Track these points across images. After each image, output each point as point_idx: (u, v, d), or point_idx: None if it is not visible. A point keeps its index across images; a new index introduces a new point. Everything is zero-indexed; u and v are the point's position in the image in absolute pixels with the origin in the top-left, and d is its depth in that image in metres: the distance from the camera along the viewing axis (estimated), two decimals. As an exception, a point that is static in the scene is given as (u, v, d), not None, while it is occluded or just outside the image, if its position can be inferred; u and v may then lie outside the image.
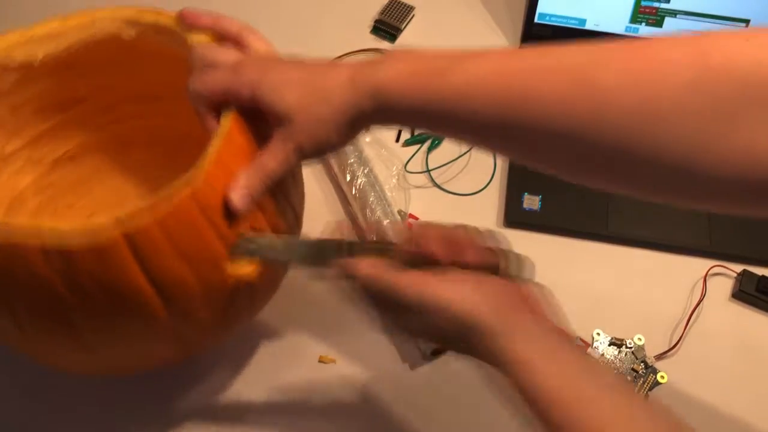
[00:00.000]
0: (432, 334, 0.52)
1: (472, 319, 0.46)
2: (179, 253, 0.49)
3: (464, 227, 0.52)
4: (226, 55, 0.55)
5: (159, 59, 0.65)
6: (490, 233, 0.53)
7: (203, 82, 0.52)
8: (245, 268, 0.54)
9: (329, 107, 0.48)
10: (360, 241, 0.53)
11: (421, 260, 0.49)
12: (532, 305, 0.50)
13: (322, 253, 0.53)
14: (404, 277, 0.48)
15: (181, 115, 0.72)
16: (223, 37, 0.57)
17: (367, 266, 0.50)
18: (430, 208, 0.77)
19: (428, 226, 0.51)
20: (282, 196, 0.57)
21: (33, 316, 0.51)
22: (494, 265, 0.50)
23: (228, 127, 0.52)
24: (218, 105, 0.53)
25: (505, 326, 0.46)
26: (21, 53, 0.60)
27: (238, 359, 0.69)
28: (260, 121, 0.53)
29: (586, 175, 0.45)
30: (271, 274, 0.59)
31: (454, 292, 0.47)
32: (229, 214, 0.50)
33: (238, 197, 0.50)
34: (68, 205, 0.73)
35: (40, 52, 0.60)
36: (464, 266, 0.49)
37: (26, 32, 0.60)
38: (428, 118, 0.47)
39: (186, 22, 0.57)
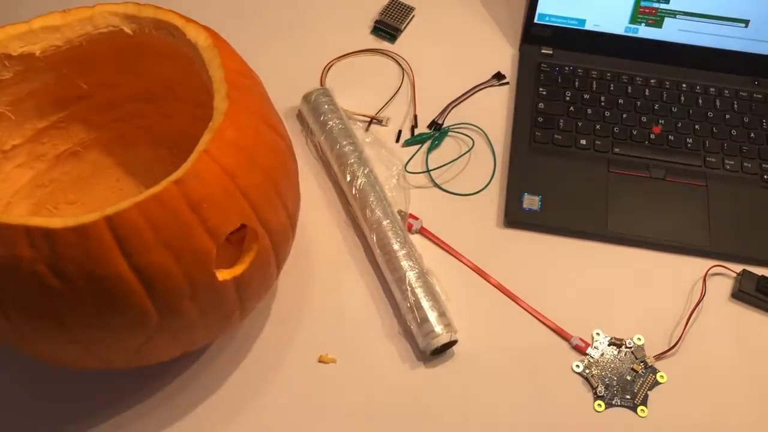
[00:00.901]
0: None
1: None
2: (162, 242, 0.50)
3: None
4: None
5: (161, 57, 0.65)
6: None
7: None
8: (233, 267, 0.54)
9: None
10: None
11: None
12: None
13: None
14: None
15: (182, 114, 0.72)
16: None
17: None
18: (430, 208, 0.78)
19: None
20: (274, 192, 0.57)
21: (21, 308, 0.51)
22: None
23: (219, 122, 0.52)
24: None
25: None
26: (19, 45, 0.60)
27: (237, 357, 0.69)
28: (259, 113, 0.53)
29: None
30: (262, 275, 0.59)
31: None
32: (219, 208, 0.50)
33: None
34: (70, 201, 0.73)
35: (38, 45, 0.61)
36: None
37: (25, 25, 0.60)
38: None
39: None
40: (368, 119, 0.83)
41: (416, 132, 0.83)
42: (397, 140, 0.82)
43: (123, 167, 0.75)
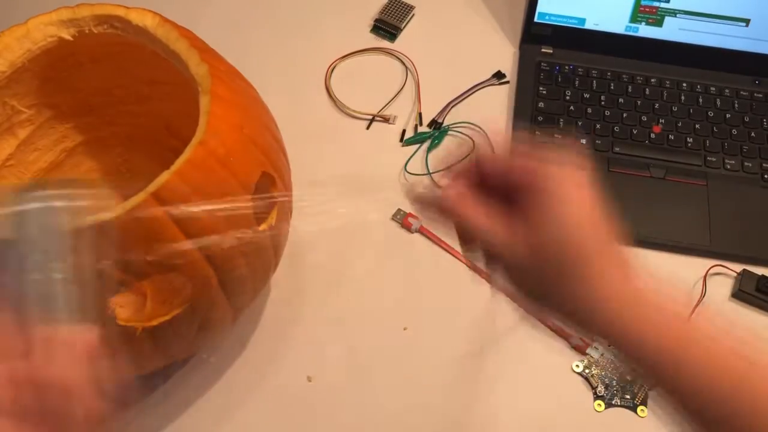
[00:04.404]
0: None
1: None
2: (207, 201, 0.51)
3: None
4: None
5: (94, 63, 0.64)
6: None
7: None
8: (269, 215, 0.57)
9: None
10: None
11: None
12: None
13: None
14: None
15: (125, 116, 0.71)
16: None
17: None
18: (430, 207, 0.77)
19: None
20: (272, 138, 0.59)
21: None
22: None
23: (209, 83, 0.54)
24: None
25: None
26: None
27: (235, 355, 0.69)
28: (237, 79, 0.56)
29: None
30: (286, 224, 0.62)
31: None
32: (242, 160, 0.53)
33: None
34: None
35: None
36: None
37: None
38: (650, 368, 0.45)
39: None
40: (370, 117, 0.83)
41: (418, 130, 0.83)
42: (401, 139, 0.82)
43: (122, 171, 0.74)
